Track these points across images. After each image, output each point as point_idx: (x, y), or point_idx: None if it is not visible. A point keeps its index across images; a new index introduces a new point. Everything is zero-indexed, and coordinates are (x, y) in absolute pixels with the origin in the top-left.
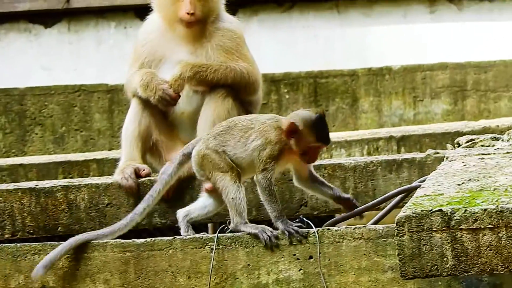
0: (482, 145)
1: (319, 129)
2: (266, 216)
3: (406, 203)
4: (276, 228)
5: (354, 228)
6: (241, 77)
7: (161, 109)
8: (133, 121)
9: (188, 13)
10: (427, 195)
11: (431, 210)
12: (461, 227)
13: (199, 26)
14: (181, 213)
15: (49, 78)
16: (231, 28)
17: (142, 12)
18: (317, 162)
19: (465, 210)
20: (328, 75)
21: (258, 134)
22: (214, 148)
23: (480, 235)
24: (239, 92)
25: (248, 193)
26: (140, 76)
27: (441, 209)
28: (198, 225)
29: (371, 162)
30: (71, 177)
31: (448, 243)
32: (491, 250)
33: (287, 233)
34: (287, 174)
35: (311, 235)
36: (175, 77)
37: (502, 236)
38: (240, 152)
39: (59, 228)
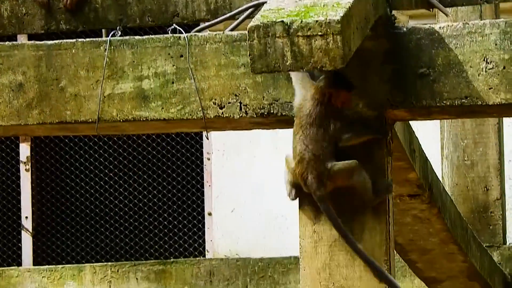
0: None
1: None
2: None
3: (255, 15)
4: None
5: (215, 34)
6: None
7: None
8: None
9: None
10: (272, 9)
11: (275, 21)
12: (298, 34)
13: None
14: None
15: None
16: None
17: None
18: None
19: (301, 21)
20: None
21: None
22: None
23: (313, 40)
24: None
25: None
26: None
27: (282, 21)
28: (95, 30)
29: None
30: None
31: (288, 46)
32: (321, 52)
33: None
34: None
35: (182, 39)
36: None
37: (329, 42)
38: None
39: None
